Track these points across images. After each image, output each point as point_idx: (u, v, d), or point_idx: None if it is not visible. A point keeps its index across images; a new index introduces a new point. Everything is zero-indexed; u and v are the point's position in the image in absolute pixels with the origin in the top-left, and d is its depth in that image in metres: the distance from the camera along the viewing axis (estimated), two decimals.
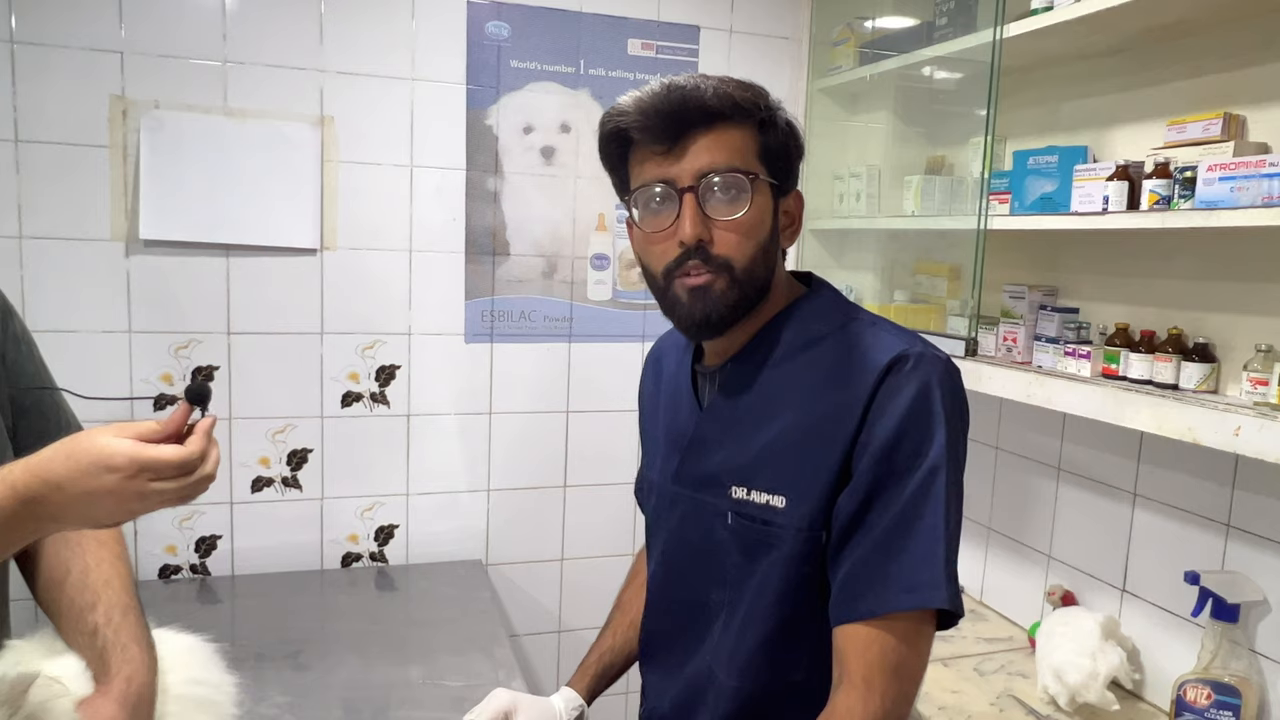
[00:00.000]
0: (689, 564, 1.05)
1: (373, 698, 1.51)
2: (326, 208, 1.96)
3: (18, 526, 0.75)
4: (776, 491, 0.95)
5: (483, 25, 2.04)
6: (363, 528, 2.09)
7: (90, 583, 1.01)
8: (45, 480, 0.74)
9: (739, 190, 0.93)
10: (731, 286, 0.95)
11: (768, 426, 0.97)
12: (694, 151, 0.92)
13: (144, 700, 0.97)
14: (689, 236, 0.92)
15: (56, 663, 0.97)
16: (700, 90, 0.91)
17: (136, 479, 0.74)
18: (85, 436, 0.75)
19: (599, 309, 2.21)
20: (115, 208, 1.83)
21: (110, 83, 1.80)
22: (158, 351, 1.89)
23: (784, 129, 0.97)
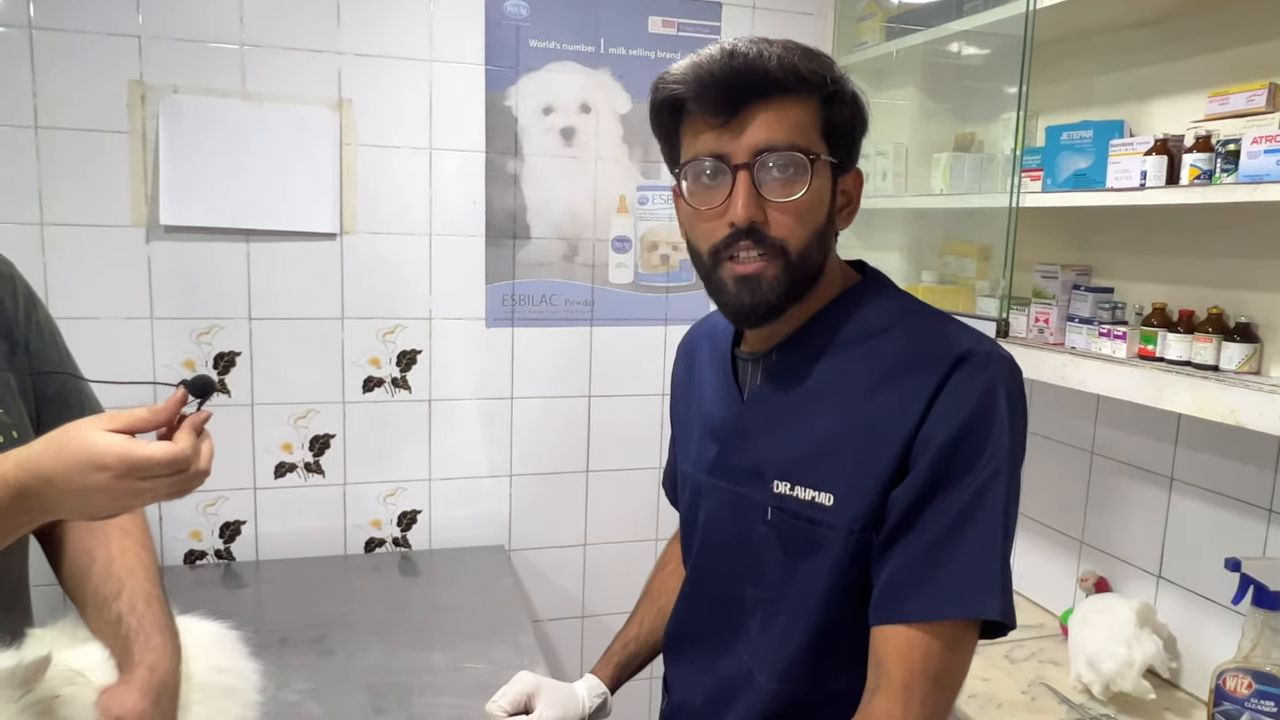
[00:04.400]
0: (722, 559, 1.01)
1: (397, 683, 1.51)
2: (346, 192, 1.95)
3: (10, 518, 0.74)
4: (823, 488, 0.90)
5: (501, 4, 2.01)
6: (385, 513, 2.09)
7: (114, 571, 1.00)
8: (36, 474, 0.73)
9: (798, 170, 0.87)
10: (785, 272, 0.89)
11: (818, 419, 0.92)
12: (753, 126, 0.86)
13: (167, 688, 0.97)
14: (741, 218, 0.87)
15: (80, 651, 0.96)
16: (763, 59, 0.84)
17: (127, 478, 0.73)
18: (75, 431, 0.74)
19: (620, 292, 2.18)
20: (135, 193, 1.83)
21: (129, 68, 1.79)
22: (180, 337, 1.89)
23: (850, 103, 0.90)
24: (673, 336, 2.22)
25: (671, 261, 2.21)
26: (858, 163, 0.96)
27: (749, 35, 0.89)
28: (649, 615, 1.21)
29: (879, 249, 2.23)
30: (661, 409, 2.24)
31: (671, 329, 2.22)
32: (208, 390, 0.80)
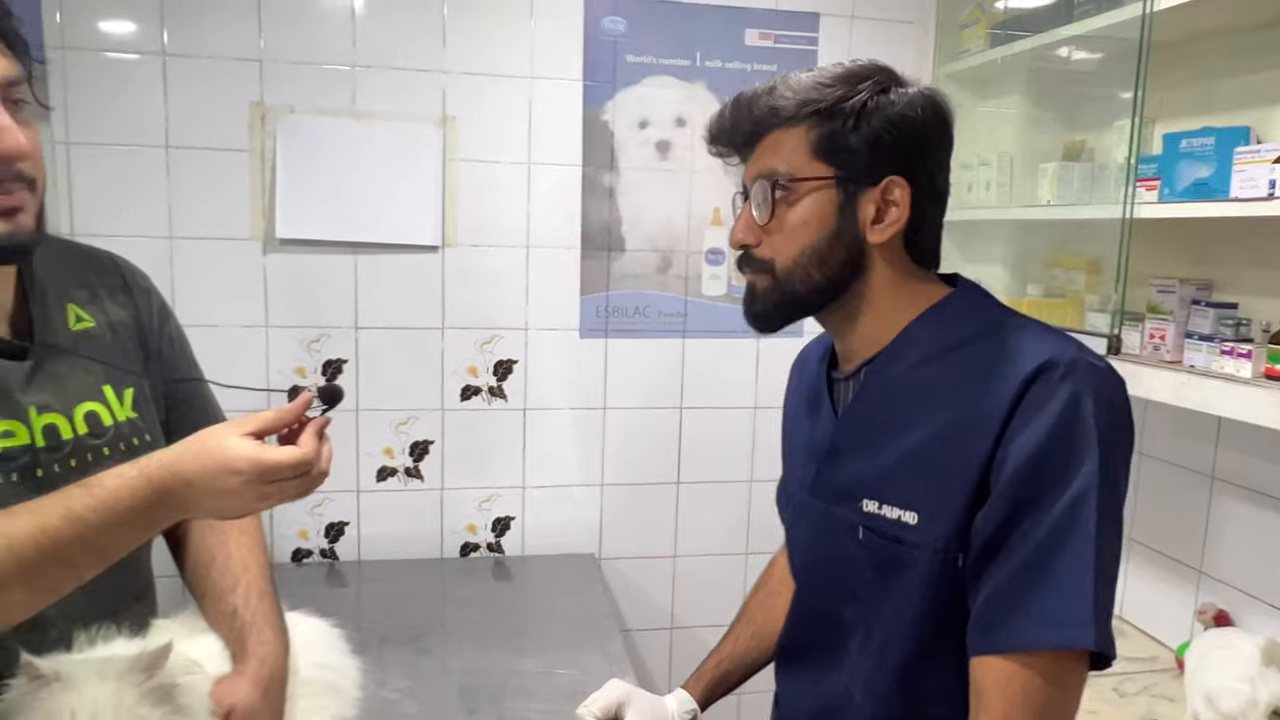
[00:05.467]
0: (822, 578, 1.01)
1: (489, 685, 1.54)
2: (447, 205, 2.01)
3: (151, 514, 0.80)
4: (909, 507, 0.89)
5: (600, 21, 2.04)
6: (480, 518, 2.14)
7: (231, 568, 1.06)
8: (176, 475, 0.78)
9: (770, 194, 0.92)
10: (772, 286, 0.94)
11: (901, 437, 0.91)
12: (754, 157, 0.95)
13: (276, 681, 1.02)
14: (733, 240, 0.97)
15: (197, 641, 1.02)
16: (754, 98, 0.93)
17: (258, 482, 0.78)
18: (212, 437, 0.79)
19: (713, 304, 2.18)
20: (254, 208, 1.93)
21: (250, 90, 1.90)
22: (291, 345, 1.99)
23: (867, 115, 0.90)
24: (765, 350, 2.21)
25: None
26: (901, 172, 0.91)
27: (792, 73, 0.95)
28: (743, 636, 1.20)
29: (981, 261, 2.16)
30: (753, 422, 2.23)
31: (764, 342, 2.20)
32: (336, 398, 0.85)
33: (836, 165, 0.91)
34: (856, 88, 0.91)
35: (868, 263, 0.94)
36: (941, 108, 0.94)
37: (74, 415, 0.95)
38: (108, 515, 0.77)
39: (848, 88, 0.91)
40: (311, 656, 1.12)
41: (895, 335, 0.95)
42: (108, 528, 0.77)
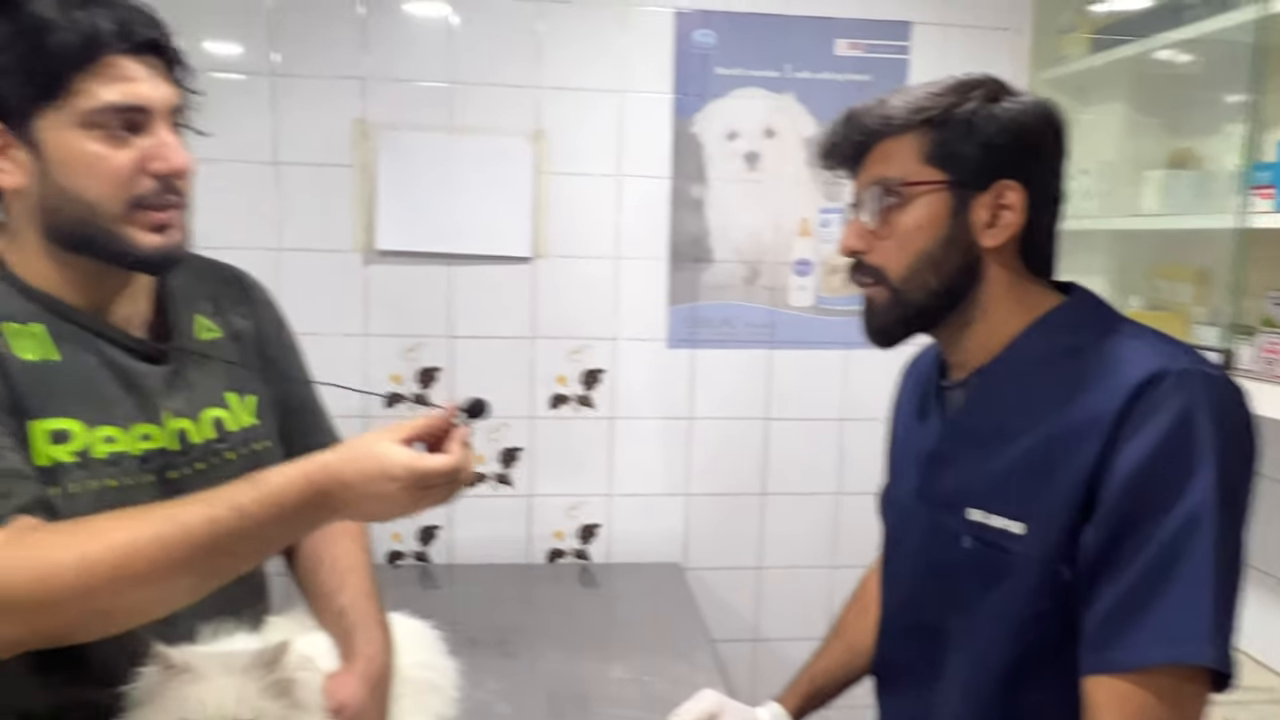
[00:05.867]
0: (925, 587, 1.01)
1: (577, 691, 1.57)
2: (539, 217, 2.05)
3: (310, 513, 0.83)
4: (1015, 517, 0.88)
5: (690, 34, 2.06)
6: (568, 525, 2.17)
7: (339, 569, 1.11)
8: (336, 478, 0.82)
9: (880, 200, 0.94)
10: (890, 298, 0.95)
11: (1008, 446, 0.91)
12: (864, 167, 0.97)
13: (383, 679, 1.05)
14: (843, 248, 0.98)
15: (309, 638, 1.06)
16: (863, 111, 0.95)
17: (412, 488, 0.81)
18: (370, 443, 0.83)
19: (801, 315, 2.17)
20: (356, 221, 2.01)
21: (353, 107, 1.98)
22: (389, 353, 2.05)
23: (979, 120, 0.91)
24: (854, 361, 2.19)
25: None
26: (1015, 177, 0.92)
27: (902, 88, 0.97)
28: (837, 650, 1.20)
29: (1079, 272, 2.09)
30: (840, 434, 2.21)
31: (853, 353, 2.18)
32: (480, 412, 0.88)
33: (949, 171, 0.92)
34: (968, 95, 0.92)
35: (982, 269, 0.94)
36: (1054, 114, 0.94)
37: (202, 420, 1.01)
38: (271, 511, 0.81)
39: (959, 95, 0.92)
40: (413, 656, 1.16)
41: (1007, 343, 0.95)
42: (270, 523, 0.81)
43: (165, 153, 0.91)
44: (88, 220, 0.90)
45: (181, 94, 0.96)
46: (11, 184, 0.90)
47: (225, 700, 0.88)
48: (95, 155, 0.88)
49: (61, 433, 0.89)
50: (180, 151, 0.93)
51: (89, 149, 0.88)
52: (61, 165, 0.88)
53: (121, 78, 0.88)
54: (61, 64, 0.86)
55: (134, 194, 0.90)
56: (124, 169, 0.89)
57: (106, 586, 0.78)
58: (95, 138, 0.88)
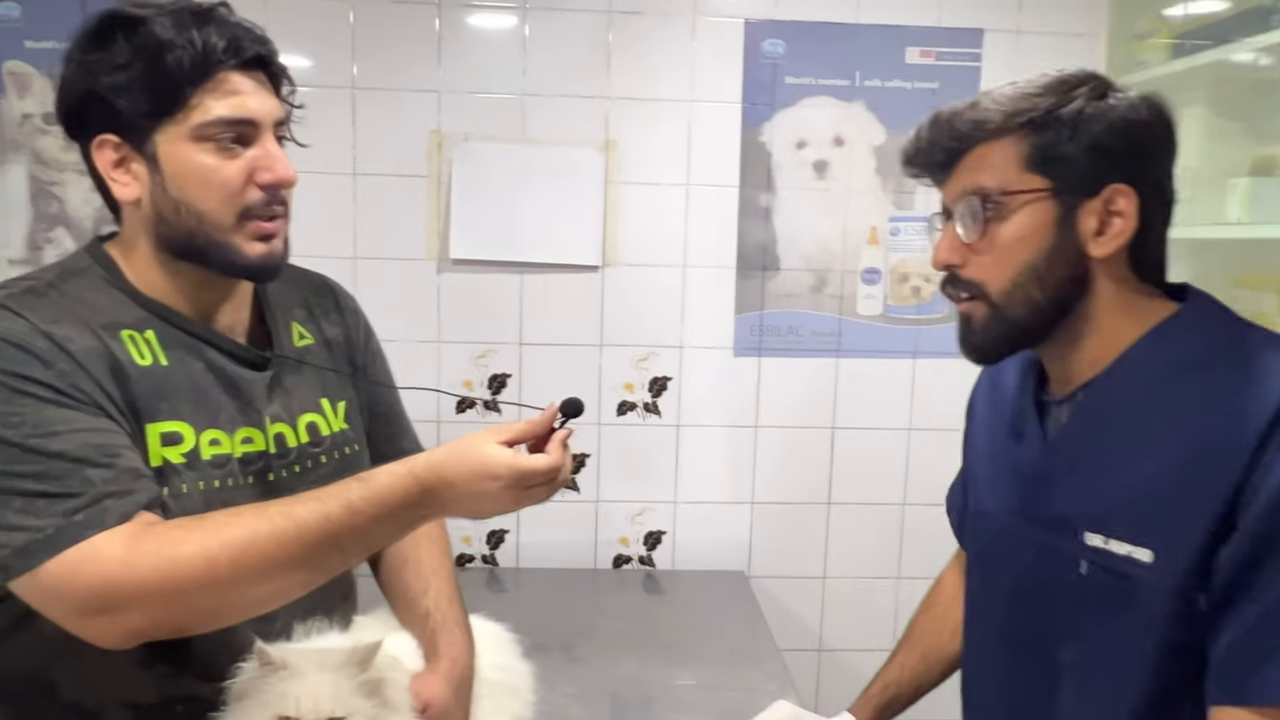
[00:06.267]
0: (1030, 611, 0.95)
1: (647, 696, 1.58)
2: (608, 226, 2.08)
3: (414, 510, 0.87)
4: (1141, 543, 0.83)
5: (759, 43, 2.06)
6: (633, 531, 2.19)
7: (423, 571, 1.13)
8: (441, 477, 0.85)
9: (980, 210, 0.88)
10: (991, 314, 0.90)
11: (1130, 466, 0.85)
12: (956, 175, 0.91)
13: (466, 681, 1.08)
14: (936, 262, 0.93)
15: (393, 639, 1.09)
16: (956, 115, 0.89)
17: (514, 487, 0.85)
18: (474, 443, 0.86)
19: (868, 324, 2.16)
20: (430, 230, 2.05)
21: (429, 119, 2.02)
22: (460, 360, 2.10)
23: (1085, 121, 0.85)
24: (921, 370, 2.17)
25: (923, 294, 2.16)
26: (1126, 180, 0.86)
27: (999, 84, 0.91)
28: (911, 658, 1.18)
29: None
30: (907, 444, 2.19)
31: (920, 362, 2.16)
32: (578, 411, 0.90)
33: (1052, 176, 0.86)
34: (1071, 94, 0.86)
35: (1091, 279, 0.89)
36: (1165, 110, 0.89)
37: (298, 424, 1.05)
38: (380, 508, 0.84)
39: (1060, 95, 0.87)
40: (491, 659, 1.18)
41: (1117, 356, 0.89)
42: (378, 519, 0.85)
43: (271, 164, 0.95)
44: (198, 230, 0.94)
45: (285, 107, 1.00)
46: (130, 196, 0.94)
47: (320, 697, 0.91)
48: (208, 167, 0.92)
49: (172, 435, 0.93)
50: (285, 163, 0.97)
51: (202, 161, 0.92)
52: (176, 177, 0.93)
53: (232, 92, 0.93)
54: (178, 80, 0.90)
55: (243, 204, 0.94)
56: (234, 180, 0.94)
57: (226, 579, 0.82)
58: (207, 150, 0.92)
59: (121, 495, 0.84)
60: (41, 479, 0.82)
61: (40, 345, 0.86)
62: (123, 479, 0.85)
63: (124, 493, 0.84)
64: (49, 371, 0.86)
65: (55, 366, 0.86)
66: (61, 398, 0.85)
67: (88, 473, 0.83)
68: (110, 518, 0.82)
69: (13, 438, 0.83)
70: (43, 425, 0.84)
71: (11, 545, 0.81)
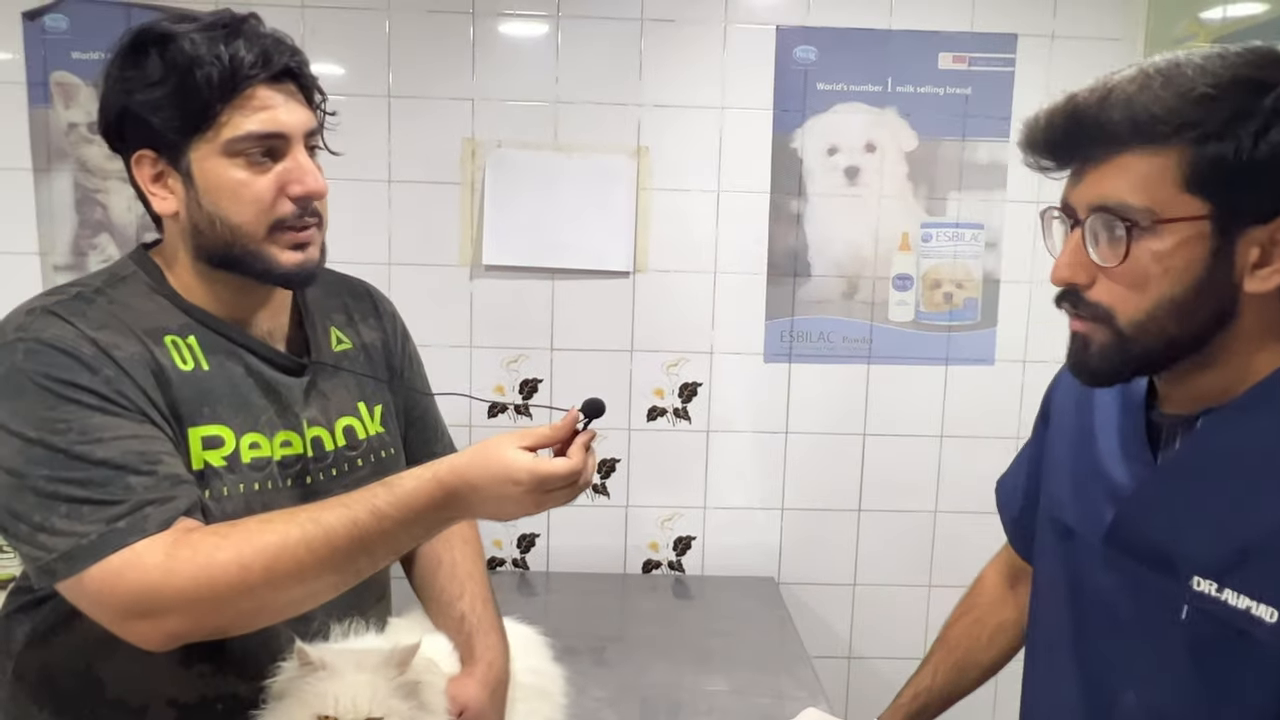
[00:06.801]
0: (1108, 647, 0.87)
1: (678, 701, 1.58)
2: (639, 232, 2.09)
3: (439, 513, 0.88)
4: (1265, 599, 0.72)
5: (791, 50, 2.07)
6: (663, 536, 2.19)
7: (458, 575, 1.15)
8: (465, 480, 0.87)
9: (1125, 233, 0.75)
10: (1115, 343, 0.78)
11: (1258, 511, 0.75)
12: (1091, 178, 0.77)
13: (501, 684, 1.09)
14: (1056, 277, 0.81)
15: (430, 641, 1.11)
16: (1106, 105, 0.74)
17: (535, 491, 0.86)
18: (496, 447, 0.87)
19: (900, 330, 2.15)
20: (464, 236, 2.07)
21: (463, 126, 2.05)
22: (492, 365, 2.11)
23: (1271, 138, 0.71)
24: (954, 377, 2.15)
25: (955, 300, 2.15)
26: None
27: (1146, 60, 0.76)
28: (944, 666, 1.16)
29: None
30: (939, 452, 2.17)
31: (952, 370, 2.15)
32: (599, 412, 0.91)
33: (1215, 200, 0.73)
34: (1259, 100, 0.71)
35: (1236, 312, 0.77)
36: None
37: (335, 428, 1.07)
38: (405, 513, 0.86)
39: (1242, 99, 0.72)
40: (525, 662, 1.20)
41: (1253, 384, 0.79)
42: (404, 523, 0.87)
43: (302, 176, 0.97)
44: (233, 241, 0.96)
45: (316, 118, 1.02)
46: (168, 210, 0.97)
47: (359, 697, 0.92)
48: (239, 181, 0.94)
49: (213, 439, 0.96)
50: (315, 175, 0.99)
51: (233, 175, 0.94)
52: (209, 192, 0.95)
53: (262, 106, 0.94)
54: (208, 97, 0.92)
55: (275, 216, 0.96)
56: (266, 193, 0.95)
57: (260, 584, 0.84)
58: (239, 164, 0.94)
59: (162, 502, 0.86)
60: (86, 485, 0.85)
61: (87, 351, 0.89)
62: (163, 486, 0.87)
63: (165, 500, 0.87)
64: (95, 378, 0.88)
65: (101, 373, 0.88)
66: (106, 404, 0.88)
67: (130, 480, 0.86)
68: (151, 525, 0.85)
69: (59, 444, 0.85)
70: (89, 432, 0.86)
71: (58, 550, 0.84)
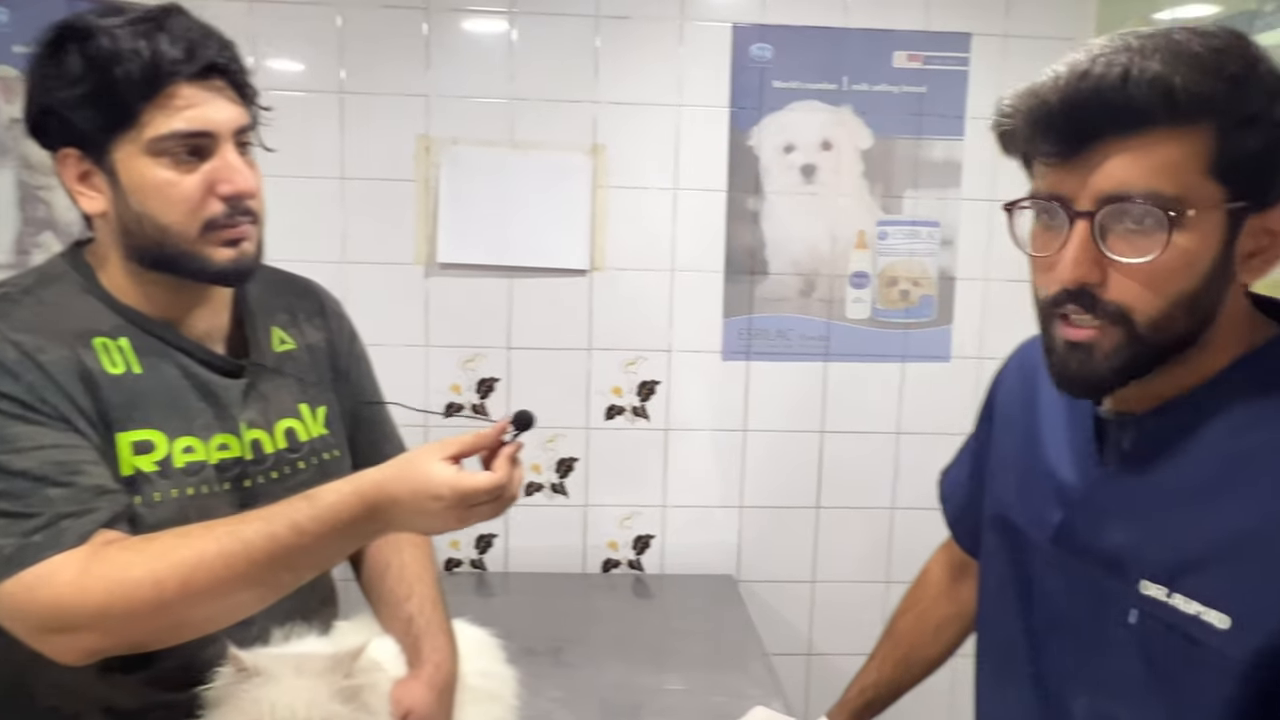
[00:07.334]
0: (1056, 650, 0.84)
1: (634, 702, 1.58)
2: (596, 231, 2.08)
3: (362, 527, 0.87)
4: (1216, 605, 0.69)
5: (747, 48, 2.07)
6: (622, 535, 2.18)
7: (406, 577, 1.13)
8: (386, 494, 0.85)
9: (1153, 226, 0.68)
10: (1127, 344, 0.71)
11: (1209, 513, 0.72)
12: (1105, 166, 0.68)
13: (449, 686, 1.08)
14: (1068, 278, 0.71)
15: (377, 644, 1.09)
16: (1126, 81, 0.66)
17: (457, 506, 0.84)
18: (418, 462, 0.85)
19: (857, 328, 2.16)
20: (419, 235, 2.05)
21: (417, 123, 2.02)
22: (448, 364, 2.09)
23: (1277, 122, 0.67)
24: (910, 374, 2.17)
25: (911, 297, 2.16)
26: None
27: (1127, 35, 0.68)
28: (890, 660, 1.16)
29: None
30: (896, 448, 2.19)
31: (910, 366, 2.17)
32: (529, 425, 0.90)
33: (1234, 186, 0.68)
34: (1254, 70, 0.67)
35: (1225, 305, 0.73)
36: None
37: (275, 431, 1.05)
38: (326, 527, 0.84)
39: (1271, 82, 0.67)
40: (475, 664, 1.18)
41: (1207, 378, 0.75)
42: (325, 538, 0.85)
43: (231, 175, 0.94)
44: (163, 241, 0.93)
45: (248, 113, 0.98)
46: (94, 209, 0.94)
47: (296, 703, 0.91)
48: (165, 181, 0.91)
49: (144, 443, 0.93)
50: (245, 174, 0.95)
51: (158, 175, 0.91)
52: (135, 191, 0.92)
53: (186, 104, 0.91)
54: (128, 95, 0.89)
55: (205, 216, 0.93)
56: (193, 194, 0.92)
57: (176, 600, 0.83)
58: (164, 164, 0.91)
59: (80, 515, 0.84)
60: (4, 497, 0.83)
61: (10, 356, 0.86)
62: (83, 497, 0.85)
63: (83, 512, 0.84)
64: (16, 385, 0.86)
65: (23, 379, 0.86)
66: (28, 413, 0.85)
67: (48, 492, 0.83)
68: (67, 538, 0.83)
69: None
70: (8, 441, 0.84)
71: None
